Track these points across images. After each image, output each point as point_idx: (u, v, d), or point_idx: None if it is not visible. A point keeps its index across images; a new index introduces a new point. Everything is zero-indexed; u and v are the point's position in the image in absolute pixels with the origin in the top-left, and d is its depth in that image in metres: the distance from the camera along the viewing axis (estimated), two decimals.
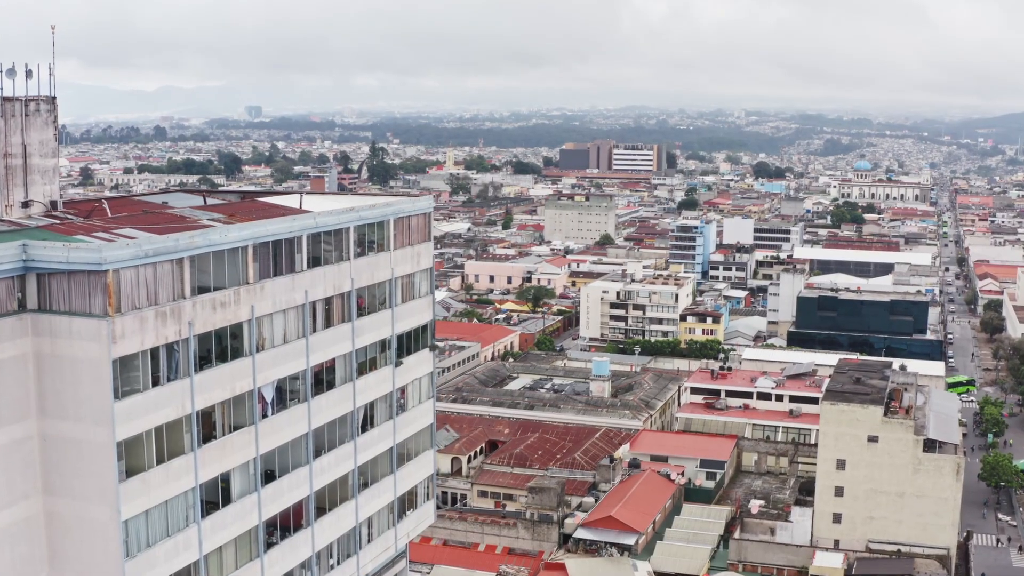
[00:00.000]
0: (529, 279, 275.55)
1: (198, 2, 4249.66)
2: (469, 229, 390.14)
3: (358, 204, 61.49)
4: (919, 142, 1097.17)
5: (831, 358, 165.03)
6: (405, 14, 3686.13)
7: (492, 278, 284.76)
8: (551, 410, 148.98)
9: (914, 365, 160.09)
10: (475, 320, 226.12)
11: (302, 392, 55.85)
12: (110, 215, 56.63)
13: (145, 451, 46.48)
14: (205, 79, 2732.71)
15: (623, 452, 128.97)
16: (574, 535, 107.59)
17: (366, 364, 61.25)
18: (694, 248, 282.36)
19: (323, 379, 57.60)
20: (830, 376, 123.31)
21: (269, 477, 54.11)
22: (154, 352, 46.50)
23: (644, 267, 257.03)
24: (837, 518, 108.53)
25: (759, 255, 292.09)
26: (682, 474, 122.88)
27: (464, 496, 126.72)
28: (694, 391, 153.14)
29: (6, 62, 56.38)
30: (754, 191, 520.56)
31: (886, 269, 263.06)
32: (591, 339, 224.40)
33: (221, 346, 50.30)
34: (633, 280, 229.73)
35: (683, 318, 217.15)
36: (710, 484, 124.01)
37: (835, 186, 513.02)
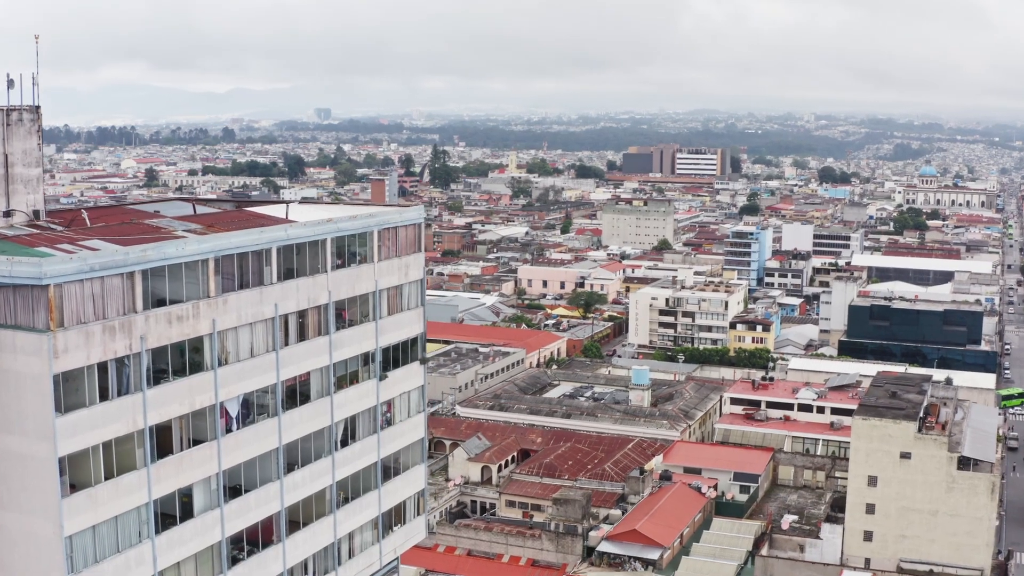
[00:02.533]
0: (582, 284, 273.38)
1: (258, 4, 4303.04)
2: (527, 233, 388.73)
3: (341, 215, 60.26)
4: (990, 147, 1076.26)
5: (881, 369, 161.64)
6: (464, 18, 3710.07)
7: (545, 283, 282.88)
8: (588, 419, 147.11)
9: (965, 377, 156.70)
10: (523, 325, 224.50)
11: (272, 406, 54.80)
12: (89, 225, 55.96)
13: (92, 466, 45.75)
14: (275, 82, 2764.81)
15: (656, 464, 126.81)
16: (598, 548, 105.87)
17: (346, 378, 60.06)
18: (749, 254, 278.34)
19: (296, 393, 56.49)
20: (866, 389, 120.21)
21: (236, 492, 53.08)
22: (102, 367, 45.74)
23: (696, 273, 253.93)
24: (868, 536, 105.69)
25: (817, 262, 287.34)
26: (715, 487, 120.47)
27: (493, 506, 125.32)
28: (734, 401, 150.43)
29: (69, 61, 55.89)
30: (818, 196, 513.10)
31: (946, 277, 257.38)
32: (639, 346, 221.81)
33: (179, 360, 49.41)
34: (683, 287, 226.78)
35: (733, 326, 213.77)
36: (743, 498, 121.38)
37: (900, 192, 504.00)
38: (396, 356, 64.21)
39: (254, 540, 54.62)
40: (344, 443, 60.35)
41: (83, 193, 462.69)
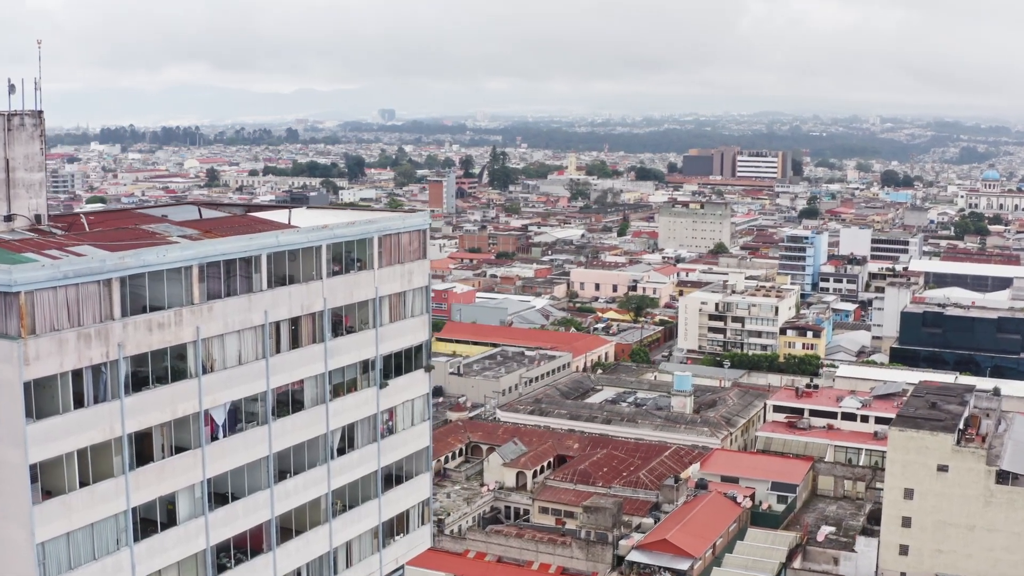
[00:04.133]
0: (634, 288, 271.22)
1: (314, 5, 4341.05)
2: (583, 235, 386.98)
3: (342, 220, 59.62)
4: None
5: (931, 377, 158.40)
6: (519, 20, 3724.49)
7: (597, 286, 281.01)
8: (628, 425, 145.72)
9: (1018, 387, 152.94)
10: (572, 329, 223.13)
11: (262, 414, 54.29)
12: (87, 230, 55.84)
13: (66, 473, 45.53)
14: (341, 83, 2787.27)
15: (692, 472, 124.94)
16: (627, 557, 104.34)
17: (343, 385, 59.40)
18: (804, 259, 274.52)
19: (289, 401, 55.92)
20: (905, 399, 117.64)
21: (223, 500, 52.61)
22: (76, 374, 45.47)
23: (749, 278, 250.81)
24: (904, 550, 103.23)
25: (873, 267, 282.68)
26: (752, 497, 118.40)
27: (527, 512, 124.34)
28: (776, 409, 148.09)
29: (132, 62, 56.04)
30: (879, 200, 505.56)
31: (1005, 283, 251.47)
32: (689, 351, 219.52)
33: (161, 367, 49.02)
34: (733, 291, 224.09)
35: (783, 331, 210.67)
36: (781, 508, 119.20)
37: (962, 196, 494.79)
38: (399, 364, 63.48)
39: (243, 548, 54.13)
40: (342, 451, 59.72)
41: (144, 193, 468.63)
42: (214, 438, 51.78)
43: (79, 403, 45.81)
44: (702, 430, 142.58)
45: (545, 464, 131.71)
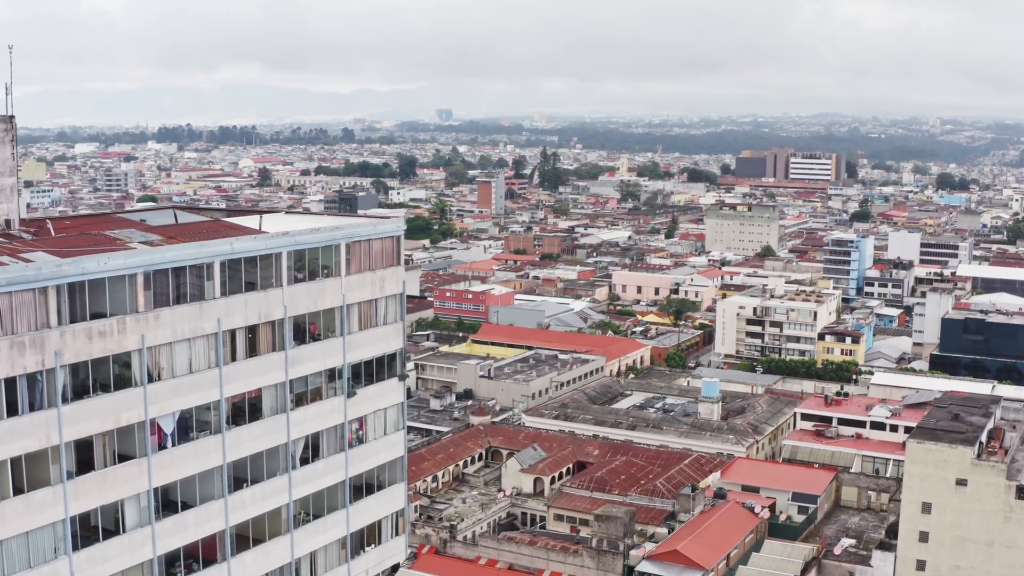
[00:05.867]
0: (676, 291, 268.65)
1: (365, 6, 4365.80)
2: (629, 237, 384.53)
3: (312, 227, 58.63)
4: None
5: (971, 386, 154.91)
6: (570, 21, 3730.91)
7: (639, 289, 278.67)
8: (652, 431, 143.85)
9: None
10: (610, 332, 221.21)
11: (215, 423, 53.44)
12: (52, 235, 55.39)
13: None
14: (399, 83, 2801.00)
15: (712, 480, 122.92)
16: (637, 568, 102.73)
17: (307, 395, 58.41)
18: (848, 263, 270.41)
19: (245, 410, 55.04)
20: (927, 410, 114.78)
21: (174, 509, 51.83)
22: (10, 382, 44.88)
23: (790, 282, 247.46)
24: (921, 565, 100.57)
25: (921, 271, 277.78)
26: (772, 507, 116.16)
27: (543, 519, 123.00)
28: (805, 417, 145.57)
29: (186, 61, 55.90)
30: (933, 203, 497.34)
31: None
32: (726, 356, 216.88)
33: (102, 376, 48.29)
34: (772, 295, 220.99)
35: (821, 337, 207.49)
36: (801, 519, 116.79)
37: (1017, 200, 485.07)
38: (370, 372, 62.36)
39: (195, 557, 53.38)
40: (306, 461, 58.76)
41: (196, 192, 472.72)
42: (162, 447, 51.06)
43: (12, 411, 45.27)
44: (727, 437, 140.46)
45: (564, 470, 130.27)
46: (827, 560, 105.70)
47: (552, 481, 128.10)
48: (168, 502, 52.28)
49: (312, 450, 59.49)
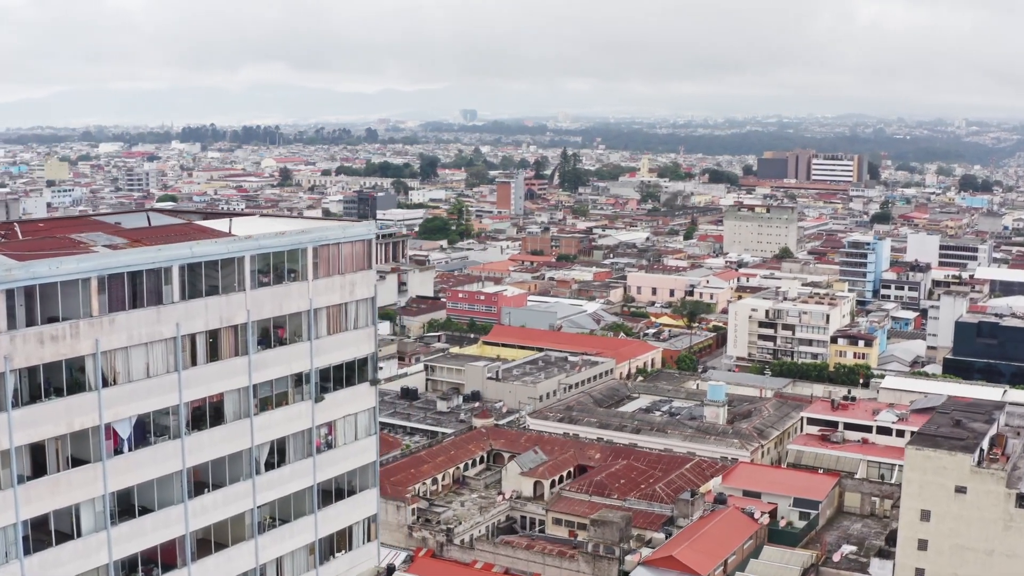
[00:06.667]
0: (691, 293, 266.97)
1: (386, 7, 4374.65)
2: (647, 239, 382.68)
3: (274, 230, 57.88)
4: None
5: (983, 391, 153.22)
6: (590, 21, 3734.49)
7: (654, 290, 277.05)
8: (657, 435, 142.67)
9: None
10: (622, 334, 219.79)
11: (174, 428, 52.81)
12: (20, 238, 54.93)
13: None
14: (423, 83, 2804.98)
15: (713, 485, 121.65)
16: (632, 573, 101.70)
17: (272, 399, 57.72)
18: (864, 265, 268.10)
19: (206, 415, 54.39)
20: (929, 416, 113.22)
21: (131, 514, 51.22)
22: None
23: (805, 284, 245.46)
24: (920, 574, 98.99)
25: (939, 274, 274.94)
26: (772, 513, 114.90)
27: (542, 522, 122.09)
28: (811, 422, 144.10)
29: (210, 61, 55.49)
30: (954, 205, 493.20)
31: None
32: (738, 358, 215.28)
33: (56, 380, 47.73)
34: (785, 298, 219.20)
35: (834, 340, 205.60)
36: (801, 525, 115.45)
37: None
38: (340, 377, 61.62)
39: (154, 562, 52.78)
40: (271, 466, 58.09)
41: (216, 192, 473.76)
42: (118, 452, 50.49)
43: None
44: (732, 442, 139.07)
45: (564, 474, 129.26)
46: (826, 567, 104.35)
47: (552, 485, 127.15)
48: (127, 507, 51.71)
49: (278, 455, 58.88)
